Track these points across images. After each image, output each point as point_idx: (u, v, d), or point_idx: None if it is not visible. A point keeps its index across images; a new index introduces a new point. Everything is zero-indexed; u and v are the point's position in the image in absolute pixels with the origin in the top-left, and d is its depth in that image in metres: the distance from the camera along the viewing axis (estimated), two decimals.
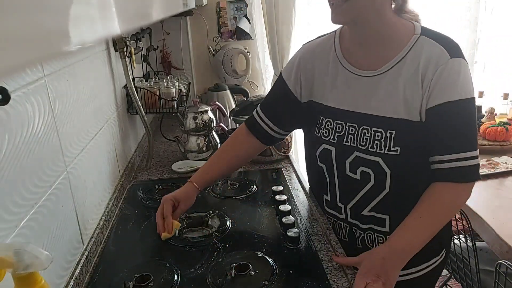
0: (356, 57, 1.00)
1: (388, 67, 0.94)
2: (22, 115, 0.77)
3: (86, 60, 1.17)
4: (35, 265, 0.57)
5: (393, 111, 0.93)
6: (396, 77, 0.93)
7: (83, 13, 0.30)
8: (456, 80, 0.89)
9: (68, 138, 0.98)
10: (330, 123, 1.03)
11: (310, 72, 1.07)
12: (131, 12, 0.45)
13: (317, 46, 1.09)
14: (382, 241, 1.04)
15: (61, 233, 0.90)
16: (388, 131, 0.94)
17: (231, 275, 0.94)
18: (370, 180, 0.99)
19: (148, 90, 1.63)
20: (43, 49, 0.24)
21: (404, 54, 0.93)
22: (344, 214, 1.08)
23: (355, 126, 0.98)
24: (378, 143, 0.95)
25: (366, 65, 0.98)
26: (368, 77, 0.97)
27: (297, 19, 2.19)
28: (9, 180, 0.71)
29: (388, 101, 0.94)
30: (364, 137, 0.97)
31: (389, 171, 0.96)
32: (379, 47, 0.96)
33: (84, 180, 1.08)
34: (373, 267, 0.88)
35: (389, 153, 0.94)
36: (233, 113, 1.63)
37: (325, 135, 1.04)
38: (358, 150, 0.98)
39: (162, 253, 1.06)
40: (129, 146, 1.62)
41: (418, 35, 0.93)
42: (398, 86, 0.93)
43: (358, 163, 0.99)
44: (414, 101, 0.91)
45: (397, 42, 0.94)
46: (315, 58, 1.07)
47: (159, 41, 2.24)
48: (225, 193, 1.37)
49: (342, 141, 1.00)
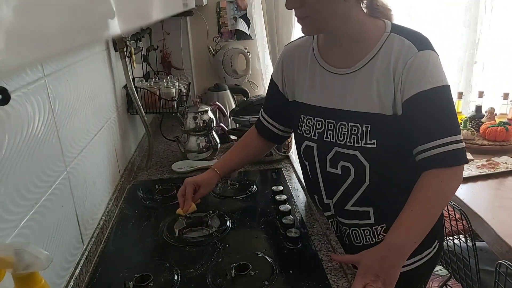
0: (331, 56, 1.04)
1: (361, 65, 0.98)
2: (22, 115, 0.77)
3: (86, 60, 1.17)
4: (35, 265, 0.57)
5: (367, 106, 0.97)
6: (370, 74, 0.97)
7: (83, 13, 0.30)
8: (425, 70, 0.91)
9: (68, 138, 0.98)
10: (311, 120, 1.07)
11: (291, 72, 1.13)
12: (131, 12, 0.45)
13: (296, 47, 1.13)
14: (369, 234, 1.06)
15: (61, 233, 0.90)
16: (364, 125, 0.97)
17: (231, 275, 0.94)
18: (350, 173, 1.02)
19: (148, 90, 1.63)
20: (43, 49, 0.24)
21: (375, 51, 0.97)
22: (332, 210, 1.12)
23: (333, 122, 1.02)
24: (355, 137, 0.99)
25: (341, 64, 1.02)
26: (343, 74, 1.01)
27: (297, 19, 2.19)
28: (9, 180, 0.71)
29: (363, 97, 0.98)
30: (342, 132, 1.01)
31: (367, 163, 0.99)
32: (351, 47, 1.00)
33: (84, 180, 1.08)
34: (372, 267, 0.87)
35: (366, 146, 0.98)
36: (233, 113, 1.63)
37: (306, 132, 1.08)
38: (337, 145, 1.02)
39: (162, 253, 1.06)
40: (129, 146, 1.62)
41: (388, 33, 0.97)
42: (372, 82, 0.96)
43: (338, 158, 1.03)
44: (387, 96, 0.95)
45: (368, 41, 0.98)
46: (295, 59, 1.12)
47: (159, 41, 2.23)
48: (225, 193, 1.37)
49: (322, 137, 1.04)
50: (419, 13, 2.37)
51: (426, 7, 2.42)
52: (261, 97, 1.63)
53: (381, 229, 1.06)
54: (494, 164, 1.84)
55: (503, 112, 2.29)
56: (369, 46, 0.98)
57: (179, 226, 1.16)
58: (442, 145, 0.91)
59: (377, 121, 0.96)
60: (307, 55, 1.09)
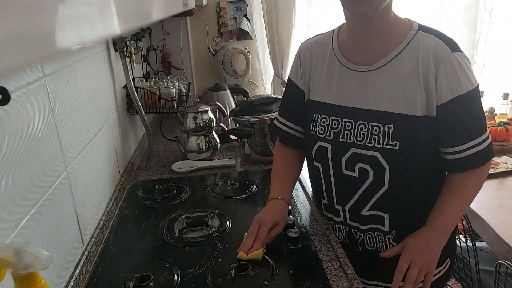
0: (353, 52, 1.00)
1: (385, 62, 0.95)
2: (22, 115, 0.77)
3: (86, 60, 1.17)
4: (35, 265, 0.57)
5: (391, 106, 0.93)
6: (393, 72, 0.94)
7: (83, 13, 0.30)
8: (462, 73, 0.90)
9: (68, 138, 0.98)
10: (326, 119, 1.02)
11: (308, 70, 1.08)
12: (131, 12, 0.45)
13: (314, 43, 1.09)
14: (382, 240, 1.04)
15: (61, 233, 0.90)
16: (386, 125, 0.94)
17: (231, 275, 0.94)
18: (368, 176, 0.98)
19: (148, 90, 1.63)
20: (43, 49, 0.24)
21: (401, 49, 0.94)
22: (342, 216, 1.07)
23: (351, 122, 0.98)
24: (376, 138, 0.95)
25: (363, 61, 0.98)
26: (364, 72, 0.97)
27: (297, 19, 2.19)
28: (9, 180, 0.71)
29: (386, 96, 0.94)
30: (361, 132, 0.96)
31: (388, 166, 0.95)
32: (376, 43, 0.96)
33: (84, 180, 1.08)
34: (417, 246, 0.95)
35: (387, 147, 0.94)
36: (233, 113, 1.63)
37: (320, 132, 1.03)
38: (355, 146, 0.97)
39: (162, 253, 1.06)
40: (129, 146, 1.62)
41: (415, 31, 0.94)
42: (396, 81, 0.93)
43: (355, 160, 0.98)
44: (415, 96, 0.91)
45: (393, 38, 0.95)
46: (313, 55, 1.07)
47: (159, 41, 2.23)
48: (225, 193, 1.37)
49: (338, 138, 1.00)
50: (419, 13, 2.37)
51: (426, 7, 2.42)
52: (261, 97, 1.63)
53: (392, 237, 1.03)
54: (494, 164, 1.84)
55: (503, 112, 2.29)
56: (394, 43, 0.94)
57: (179, 226, 1.16)
58: (474, 146, 0.93)
59: (401, 121, 0.93)
60: (326, 52, 1.04)
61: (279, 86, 2.32)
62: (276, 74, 2.31)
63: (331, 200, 1.08)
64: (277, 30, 2.18)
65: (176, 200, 1.33)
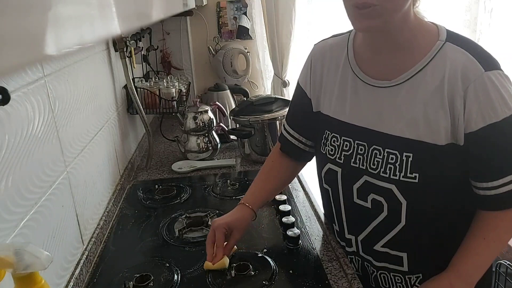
0: (369, 64, 0.86)
1: (405, 78, 0.81)
2: (22, 115, 0.77)
3: (86, 60, 1.17)
4: (35, 265, 0.57)
5: (410, 131, 0.80)
6: (415, 91, 0.80)
7: (83, 13, 0.30)
8: (498, 96, 0.74)
9: (68, 138, 0.98)
10: (337, 139, 0.90)
11: (319, 77, 0.95)
12: (131, 12, 0.45)
13: (330, 47, 0.95)
14: (400, 282, 0.91)
15: (61, 233, 0.90)
16: (404, 154, 0.80)
17: (231, 275, 0.94)
18: (382, 210, 0.85)
19: (148, 90, 1.63)
20: (42, 49, 0.24)
21: (425, 63, 0.79)
22: (354, 247, 0.96)
23: (364, 145, 0.86)
24: (392, 167, 0.81)
25: (380, 74, 0.84)
26: (381, 88, 0.83)
27: (297, 19, 2.19)
28: (9, 180, 0.71)
29: (405, 119, 0.80)
30: (375, 159, 0.84)
31: (405, 201, 0.82)
32: (396, 54, 0.82)
33: (84, 180, 1.08)
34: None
35: (405, 179, 0.80)
36: (233, 113, 1.63)
37: (330, 152, 0.92)
38: (368, 174, 0.85)
39: (162, 253, 1.06)
40: (129, 146, 1.62)
41: (442, 42, 0.79)
42: (417, 102, 0.79)
43: (368, 190, 0.86)
44: (439, 121, 0.77)
45: (417, 49, 0.80)
46: (325, 61, 0.94)
47: (159, 41, 2.23)
48: (225, 193, 1.37)
49: (349, 162, 0.88)
50: None
51: (426, 7, 2.42)
52: (261, 97, 1.63)
53: (416, 280, 0.90)
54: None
55: None
56: (418, 56, 0.80)
57: (179, 226, 1.17)
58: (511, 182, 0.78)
59: (422, 150, 0.79)
60: (340, 59, 0.91)
61: (279, 86, 2.32)
62: (276, 74, 2.31)
63: (341, 227, 0.97)
64: (277, 30, 2.18)
65: (176, 200, 1.33)
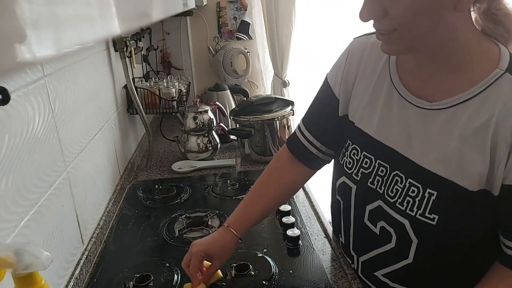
0: (411, 76, 0.75)
1: (447, 104, 0.69)
2: (22, 115, 0.77)
3: (86, 60, 1.17)
4: (35, 265, 0.57)
5: (439, 167, 0.69)
6: (455, 122, 0.68)
7: (83, 13, 0.30)
8: None
9: (68, 138, 0.98)
10: (357, 152, 0.81)
11: (353, 76, 0.84)
12: (131, 12, 0.45)
13: (370, 45, 0.82)
14: None
15: (61, 233, 0.90)
16: (428, 190, 0.70)
17: (231, 275, 0.94)
18: (390, 241, 0.77)
19: (148, 90, 1.63)
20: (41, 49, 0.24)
21: (474, 93, 0.66)
22: (355, 265, 0.90)
23: (386, 168, 0.76)
24: (411, 201, 0.72)
25: (421, 92, 0.73)
26: (418, 107, 0.72)
27: (297, 19, 2.19)
28: (9, 180, 0.71)
29: (436, 151, 0.70)
30: (395, 186, 0.74)
31: (416, 240, 0.73)
32: (443, 74, 0.71)
33: (84, 180, 1.08)
34: None
35: (421, 218, 0.71)
36: (233, 113, 1.63)
37: (348, 165, 0.83)
38: (384, 200, 0.76)
39: (162, 253, 1.06)
40: (129, 146, 1.62)
41: (501, 71, 0.65)
42: (454, 135, 0.68)
43: (380, 216, 0.78)
44: (474, 164, 0.66)
45: (469, 74, 0.68)
46: (363, 60, 0.83)
47: (159, 41, 2.23)
48: (225, 193, 1.37)
49: (366, 181, 0.79)
50: None
51: None
52: (261, 97, 1.63)
53: None
54: None
55: None
56: (468, 82, 0.67)
57: (179, 226, 1.17)
58: None
59: (449, 190, 0.68)
60: (380, 61, 0.80)
61: (279, 86, 2.32)
62: (276, 74, 2.31)
63: (347, 242, 0.91)
64: (277, 30, 2.17)
65: (176, 200, 1.33)
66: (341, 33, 2.21)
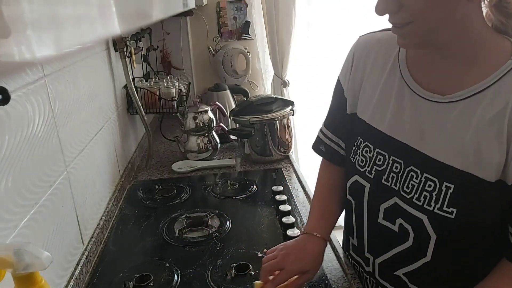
0: (422, 70, 0.75)
1: (462, 96, 0.69)
2: (22, 115, 0.77)
3: (86, 60, 1.17)
4: (35, 265, 0.57)
5: (456, 159, 0.69)
6: (470, 114, 0.68)
7: (83, 13, 0.30)
8: None
9: (68, 138, 0.98)
10: (370, 150, 0.81)
11: (360, 74, 0.85)
12: (131, 12, 0.45)
13: (377, 42, 0.83)
14: None
15: (61, 233, 0.90)
16: (445, 184, 0.70)
17: (231, 275, 0.94)
18: (408, 239, 0.77)
19: (148, 90, 1.63)
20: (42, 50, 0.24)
21: (488, 83, 0.67)
22: (371, 267, 0.87)
23: (401, 164, 0.76)
24: (428, 196, 0.71)
25: (433, 86, 0.73)
26: (431, 101, 0.72)
27: (297, 19, 2.19)
28: (9, 180, 0.71)
29: (452, 143, 0.70)
30: (411, 182, 0.74)
31: (435, 235, 0.72)
32: (455, 67, 0.71)
33: (84, 180, 1.08)
34: None
35: (439, 212, 0.70)
36: (233, 113, 1.63)
37: (360, 164, 0.82)
38: (400, 197, 0.76)
39: (162, 253, 1.06)
40: (129, 146, 1.62)
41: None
42: (470, 127, 0.68)
43: (397, 213, 0.77)
44: (491, 153, 0.66)
45: (482, 66, 0.68)
46: (370, 56, 0.83)
47: (159, 41, 2.23)
48: (225, 193, 1.37)
49: (380, 179, 0.78)
50: None
51: None
52: (261, 97, 1.63)
53: None
54: None
55: None
56: (481, 73, 0.68)
57: (179, 226, 1.17)
58: None
59: (466, 183, 0.68)
60: (389, 58, 0.80)
61: (279, 86, 2.32)
62: (276, 74, 2.31)
63: (361, 244, 0.89)
64: (277, 30, 2.18)
65: (176, 200, 1.34)
66: (341, 33, 2.21)
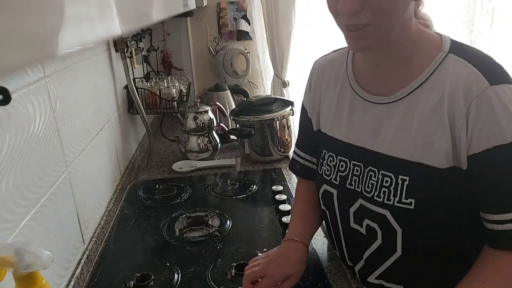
0: (368, 79, 0.81)
1: (404, 94, 0.74)
2: (23, 115, 0.77)
3: (87, 60, 1.17)
4: (35, 265, 0.57)
5: (406, 152, 0.73)
6: (413, 108, 0.73)
7: (83, 14, 0.31)
8: (503, 115, 0.64)
9: (69, 138, 0.98)
10: (333, 159, 0.85)
11: (318, 94, 0.92)
12: (132, 13, 0.45)
13: (329, 62, 0.91)
14: None
15: (62, 232, 0.91)
16: (400, 177, 0.73)
17: (231, 275, 0.94)
18: (376, 238, 0.79)
19: (149, 90, 1.64)
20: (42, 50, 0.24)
21: (425, 78, 0.72)
22: (357, 275, 0.90)
23: (360, 166, 0.80)
24: (386, 191, 0.75)
25: (380, 90, 0.78)
26: (379, 104, 0.77)
27: (297, 19, 2.19)
28: (10, 180, 0.72)
29: (401, 138, 0.74)
30: (370, 181, 0.78)
31: (400, 229, 0.74)
32: (396, 69, 0.76)
33: (85, 180, 1.08)
34: None
35: (399, 205, 0.73)
36: (233, 113, 1.63)
37: (326, 173, 0.87)
38: (363, 198, 0.79)
39: (163, 253, 1.06)
40: (130, 146, 1.62)
41: (445, 53, 0.71)
42: (415, 120, 0.72)
43: (363, 215, 0.80)
44: (438, 142, 0.70)
45: (418, 63, 0.73)
46: (325, 77, 0.90)
47: (159, 42, 2.24)
48: (225, 193, 1.38)
49: (345, 183, 0.82)
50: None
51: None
52: (261, 97, 1.63)
53: None
54: None
55: None
56: (418, 70, 0.72)
57: (179, 225, 1.17)
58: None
59: (419, 173, 0.71)
60: (339, 74, 0.86)
61: (279, 86, 2.32)
62: (276, 74, 2.31)
63: (342, 253, 0.92)
64: (277, 31, 2.18)
65: (177, 200, 1.34)
66: (341, 33, 2.21)
